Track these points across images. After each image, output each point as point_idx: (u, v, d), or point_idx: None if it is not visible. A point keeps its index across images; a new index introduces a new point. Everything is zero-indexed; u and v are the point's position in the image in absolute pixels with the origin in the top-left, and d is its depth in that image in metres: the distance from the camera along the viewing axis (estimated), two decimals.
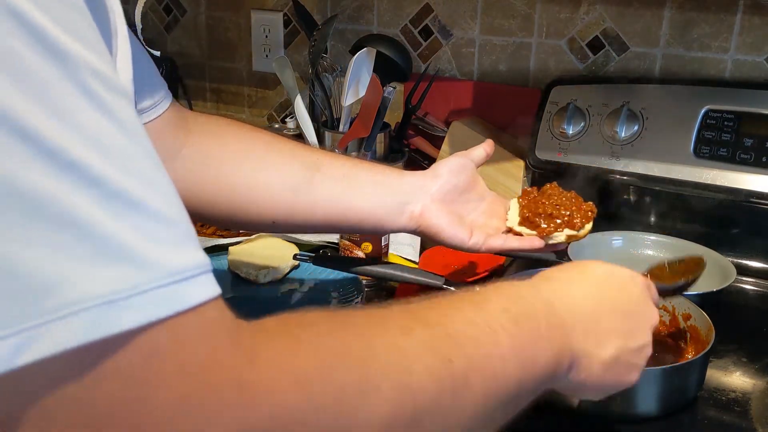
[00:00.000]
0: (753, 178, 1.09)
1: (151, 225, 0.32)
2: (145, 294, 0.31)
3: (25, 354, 0.29)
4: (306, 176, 0.79)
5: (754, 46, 1.18)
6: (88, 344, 0.30)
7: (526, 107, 1.33)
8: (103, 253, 0.31)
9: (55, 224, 0.30)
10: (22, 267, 0.29)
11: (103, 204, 0.31)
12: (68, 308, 0.30)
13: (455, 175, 0.83)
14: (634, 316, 0.61)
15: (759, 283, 1.10)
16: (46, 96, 0.30)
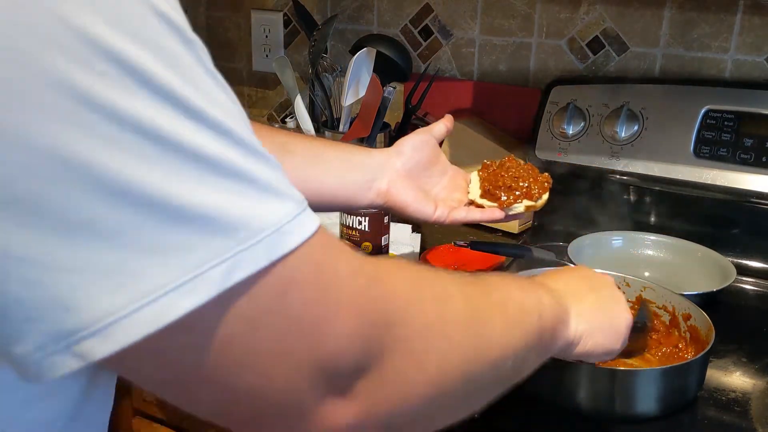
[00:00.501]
0: (753, 178, 1.09)
1: (275, 171, 0.39)
2: (297, 218, 0.39)
3: (234, 275, 0.36)
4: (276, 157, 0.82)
5: (754, 46, 1.18)
6: (269, 265, 0.37)
7: (526, 107, 1.33)
8: (262, 192, 0.38)
9: (222, 175, 0.36)
10: (217, 212, 0.35)
11: (246, 156, 0.37)
12: (255, 238, 0.36)
13: (418, 151, 0.89)
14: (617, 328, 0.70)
15: (759, 283, 1.10)
16: (186, 72, 0.35)
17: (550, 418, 0.77)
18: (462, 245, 1.03)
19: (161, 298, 0.34)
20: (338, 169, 0.84)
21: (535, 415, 0.78)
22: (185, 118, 0.35)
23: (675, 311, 0.89)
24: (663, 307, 0.91)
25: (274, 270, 0.38)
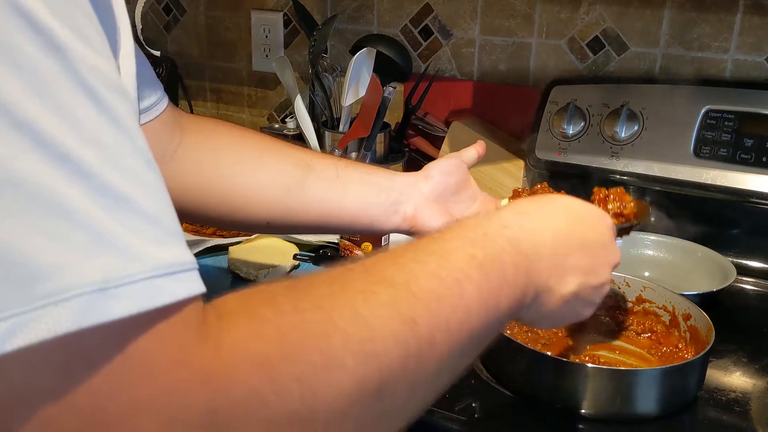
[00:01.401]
0: (753, 178, 1.09)
1: (138, 220, 0.33)
2: (135, 284, 0.32)
3: (13, 339, 0.29)
4: (299, 176, 0.80)
5: (754, 46, 1.18)
6: (73, 333, 0.30)
7: (526, 107, 1.33)
8: (94, 243, 0.31)
9: (48, 213, 0.30)
10: (13, 253, 0.30)
11: (94, 196, 0.32)
12: (61, 294, 0.30)
13: (447, 176, 0.84)
14: (600, 254, 0.62)
15: (759, 283, 1.10)
16: (44, 88, 0.31)
17: (550, 418, 0.77)
18: None
19: None
20: (359, 191, 0.81)
21: (535, 416, 0.78)
22: (15, 133, 0.30)
23: (675, 311, 0.89)
24: (663, 307, 0.91)
25: (69, 341, 0.30)
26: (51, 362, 0.31)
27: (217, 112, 1.75)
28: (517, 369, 0.80)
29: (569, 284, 0.58)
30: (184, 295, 0.34)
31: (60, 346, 0.30)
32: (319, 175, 0.80)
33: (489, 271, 0.50)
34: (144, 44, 1.65)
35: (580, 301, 0.60)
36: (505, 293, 0.51)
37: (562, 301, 0.58)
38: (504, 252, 0.52)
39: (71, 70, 0.32)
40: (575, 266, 0.59)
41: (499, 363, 0.82)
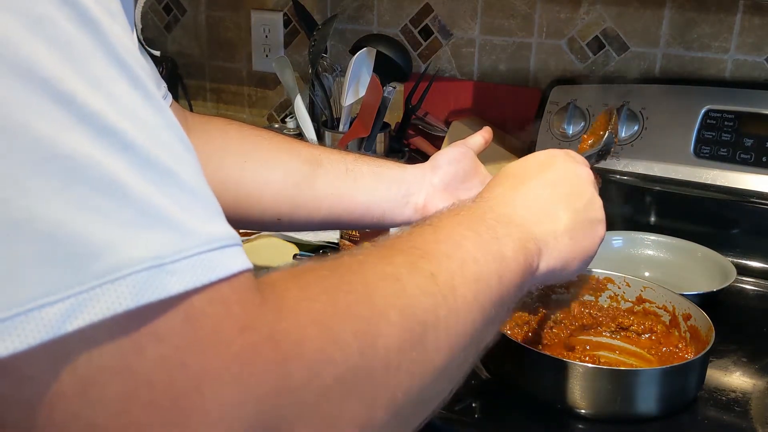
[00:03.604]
0: (753, 178, 1.09)
1: (185, 195, 0.33)
2: (189, 259, 0.31)
3: (74, 320, 0.29)
4: (308, 172, 0.80)
5: (754, 46, 1.18)
6: (135, 309, 0.30)
7: (526, 107, 1.33)
8: (145, 218, 0.31)
9: (96, 188, 0.30)
10: (66, 231, 0.29)
11: (140, 170, 0.31)
12: (117, 272, 0.30)
13: (454, 164, 0.85)
14: (566, 178, 0.64)
15: (759, 283, 1.10)
16: (81, 63, 0.30)
17: (550, 418, 0.77)
18: None
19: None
20: (370, 185, 0.82)
21: (535, 415, 0.78)
22: (58, 108, 0.29)
23: (675, 311, 0.89)
24: (663, 307, 0.91)
25: (132, 317, 0.30)
26: (118, 339, 0.30)
27: (217, 112, 1.75)
28: (517, 369, 0.80)
29: (562, 217, 0.60)
30: (238, 267, 0.34)
31: (125, 322, 0.30)
32: (329, 170, 0.81)
33: (479, 229, 0.53)
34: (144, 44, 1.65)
35: (584, 224, 0.62)
36: (504, 243, 0.53)
37: (568, 235, 0.60)
38: (485, 214, 0.56)
39: (105, 45, 0.31)
40: (554, 200, 0.61)
41: (499, 363, 0.82)
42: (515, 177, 0.63)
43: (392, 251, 0.47)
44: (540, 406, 0.78)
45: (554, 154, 0.67)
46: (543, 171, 0.64)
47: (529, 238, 0.56)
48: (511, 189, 0.61)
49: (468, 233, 0.52)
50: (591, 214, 0.63)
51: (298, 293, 0.38)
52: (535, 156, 0.66)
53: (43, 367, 0.29)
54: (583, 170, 0.66)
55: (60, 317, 0.29)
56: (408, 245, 0.48)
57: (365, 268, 0.44)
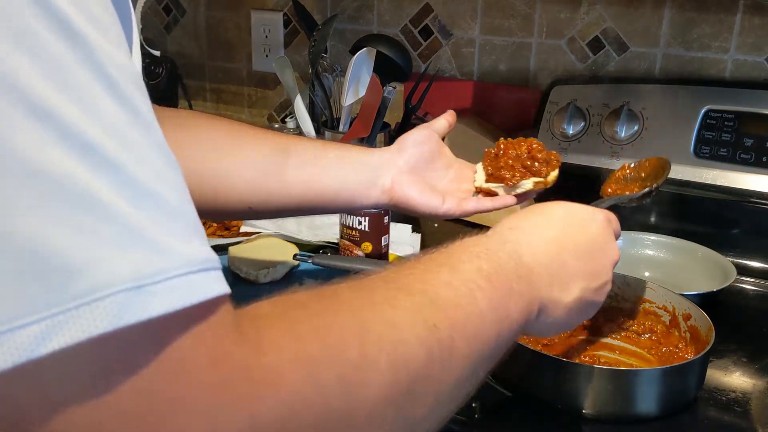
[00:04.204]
0: (753, 178, 1.09)
1: (165, 215, 0.32)
2: (169, 281, 0.31)
3: (49, 342, 0.28)
4: (277, 160, 0.81)
5: (754, 46, 1.18)
6: (110, 333, 0.29)
7: (526, 107, 1.33)
8: (125, 237, 0.30)
9: (76, 206, 0.29)
10: (45, 250, 0.28)
11: (121, 189, 0.30)
12: (96, 293, 0.29)
13: (420, 146, 0.86)
14: (596, 255, 0.63)
15: (759, 283, 1.10)
16: (64, 78, 0.30)
17: (551, 418, 0.77)
18: None
19: None
20: (338, 169, 0.83)
21: (535, 415, 0.78)
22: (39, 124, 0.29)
23: (675, 311, 0.89)
24: (663, 307, 0.91)
25: (104, 341, 0.29)
26: (88, 364, 0.29)
27: (217, 112, 1.75)
28: (518, 369, 0.80)
29: (572, 291, 0.59)
30: (218, 291, 0.33)
31: (96, 346, 0.29)
32: (298, 158, 0.82)
33: (495, 282, 0.52)
34: (144, 44, 1.65)
35: (585, 305, 0.61)
36: (514, 302, 0.53)
37: (567, 310, 0.59)
38: (507, 264, 0.54)
39: (90, 60, 0.31)
40: (575, 272, 0.60)
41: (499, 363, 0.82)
42: (554, 227, 0.62)
43: (400, 292, 0.46)
44: (540, 406, 0.78)
45: (599, 219, 0.65)
46: (579, 233, 0.63)
47: (535, 300, 0.56)
48: (542, 239, 0.59)
49: (484, 284, 0.51)
50: (597, 297, 0.62)
51: (283, 330, 0.37)
52: (580, 211, 0.65)
53: (12, 390, 0.29)
54: (614, 249, 0.65)
55: (34, 339, 0.28)
56: (419, 286, 0.47)
57: (365, 307, 0.43)
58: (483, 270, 0.52)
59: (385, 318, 0.43)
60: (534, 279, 0.56)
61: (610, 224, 0.66)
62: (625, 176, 0.77)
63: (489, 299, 0.50)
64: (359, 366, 0.39)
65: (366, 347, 0.40)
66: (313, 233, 1.21)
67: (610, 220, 0.66)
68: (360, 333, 0.40)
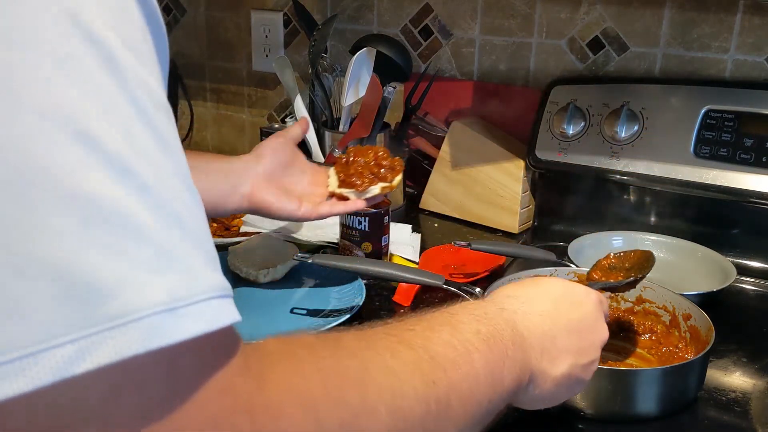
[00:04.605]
0: (753, 178, 1.09)
1: (191, 240, 0.32)
2: (199, 305, 0.31)
3: (82, 363, 0.28)
4: None
5: (754, 46, 1.18)
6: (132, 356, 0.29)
7: (526, 107, 1.33)
8: (158, 260, 0.30)
9: (113, 229, 0.29)
10: (81, 271, 0.29)
11: (154, 212, 0.31)
12: (129, 315, 0.29)
13: (277, 153, 0.94)
14: (587, 333, 0.64)
15: (759, 283, 1.10)
16: (103, 102, 0.30)
17: (551, 418, 0.77)
18: (462, 245, 1.03)
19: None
20: (203, 180, 0.87)
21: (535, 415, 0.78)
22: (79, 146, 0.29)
23: (675, 311, 0.89)
24: (663, 307, 0.91)
25: (118, 364, 0.29)
26: (99, 386, 0.30)
27: (217, 112, 1.75)
28: None
29: (561, 366, 0.60)
30: (236, 317, 0.33)
31: (109, 369, 0.29)
32: None
33: (492, 345, 0.53)
34: None
35: (572, 381, 0.62)
36: (507, 368, 0.54)
37: (555, 383, 0.60)
38: (503, 330, 0.55)
39: (125, 84, 0.31)
40: (565, 348, 0.61)
41: None
42: (549, 301, 0.62)
43: (401, 346, 0.46)
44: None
45: (592, 298, 0.66)
46: (573, 310, 0.63)
47: (527, 368, 0.57)
48: (537, 311, 0.60)
49: (481, 347, 0.52)
50: (584, 374, 0.63)
51: (288, 367, 0.37)
52: (575, 288, 0.66)
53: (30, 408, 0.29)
54: (604, 328, 0.66)
55: (69, 359, 0.28)
56: (420, 342, 0.48)
57: (367, 356, 0.43)
58: (481, 333, 0.53)
59: (387, 367, 0.43)
60: (527, 348, 0.57)
61: (601, 304, 0.67)
62: (611, 265, 0.82)
63: (485, 362, 0.51)
64: (359, 413, 0.39)
65: (366, 394, 0.40)
66: (313, 233, 1.21)
67: (601, 301, 0.68)
68: (363, 379, 0.41)
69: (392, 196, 1.30)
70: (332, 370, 0.39)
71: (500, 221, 1.28)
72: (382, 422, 0.40)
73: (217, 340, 0.33)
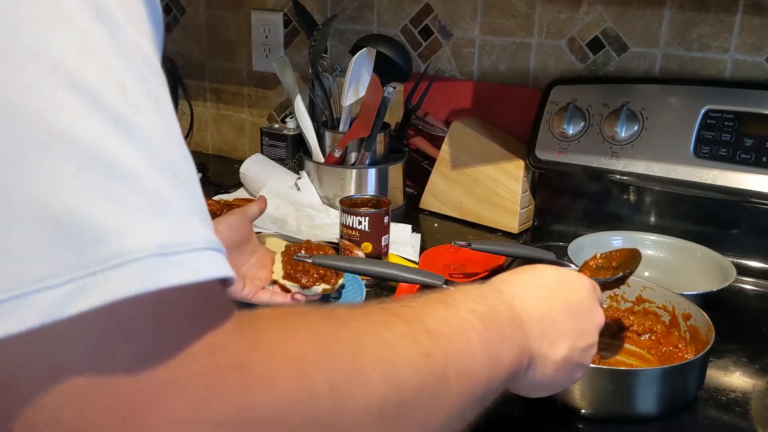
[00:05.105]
0: (753, 178, 1.09)
1: (186, 191, 0.33)
2: (192, 253, 0.31)
3: (74, 304, 0.28)
4: None
5: (754, 46, 1.18)
6: (116, 302, 0.29)
7: (526, 107, 1.33)
8: (151, 206, 0.31)
9: (106, 174, 0.30)
10: (72, 214, 0.29)
11: (148, 161, 0.31)
12: (120, 257, 0.29)
13: (234, 232, 0.93)
14: (584, 317, 0.63)
15: (759, 283, 1.10)
16: (98, 55, 0.31)
17: (550, 418, 0.77)
18: (462, 245, 1.03)
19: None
20: None
21: (534, 415, 0.78)
22: (73, 94, 0.30)
23: (675, 311, 0.89)
24: (663, 307, 0.91)
25: (106, 311, 0.29)
26: (90, 333, 0.30)
27: (217, 112, 1.75)
28: None
29: (561, 349, 0.59)
30: (231, 273, 0.33)
31: (99, 315, 0.29)
32: None
33: (489, 324, 0.52)
34: None
35: (572, 365, 0.61)
36: (506, 348, 0.53)
37: (555, 367, 0.59)
38: (501, 311, 0.55)
39: (120, 43, 0.32)
40: (563, 330, 0.60)
41: None
42: (545, 286, 0.62)
43: (396, 318, 0.46)
44: (540, 405, 0.78)
45: (587, 283, 0.66)
46: (569, 293, 0.63)
47: (526, 350, 0.56)
48: (534, 295, 0.60)
49: (477, 324, 0.51)
50: (583, 358, 0.62)
51: (280, 331, 0.38)
52: (569, 274, 0.66)
53: (21, 351, 0.29)
54: (600, 312, 0.66)
55: (61, 300, 0.28)
56: (415, 317, 0.47)
57: (362, 326, 0.43)
58: (477, 311, 0.52)
59: (380, 337, 0.43)
60: (525, 330, 0.56)
61: (595, 290, 0.67)
62: (598, 265, 0.82)
63: (482, 340, 0.50)
64: (351, 377, 0.39)
65: (359, 361, 0.40)
66: (313, 233, 1.21)
67: (595, 287, 0.68)
68: (355, 346, 0.40)
69: (392, 196, 1.30)
70: (325, 337, 0.40)
71: (500, 221, 1.28)
72: (376, 390, 0.40)
73: (209, 297, 0.33)
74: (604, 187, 1.23)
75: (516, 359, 0.54)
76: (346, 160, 1.35)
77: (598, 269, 0.82)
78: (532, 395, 0.62)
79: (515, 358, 0.54)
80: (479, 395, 0.50)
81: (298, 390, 0.36)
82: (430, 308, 0.50)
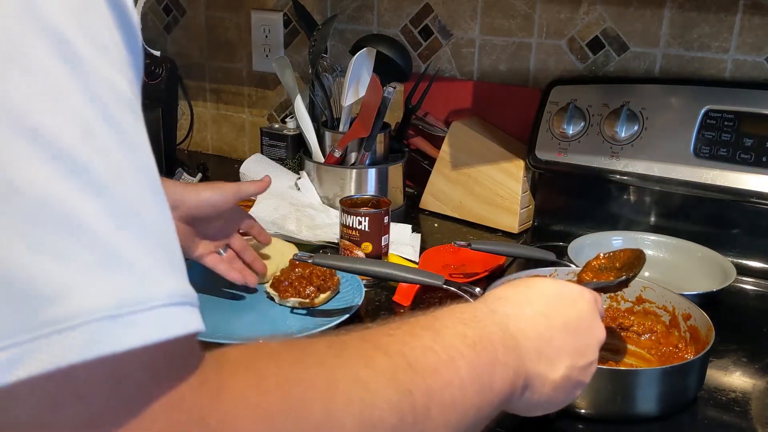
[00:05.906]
0: (753, 178, 1.09)
1: (150, 242, 0.31)
2: (149, 312, 0.29)
3: (16, 371, 0.27)
4: None
5: (754, 46, 1.18)
6: (75, 364, 0.27)
7: (526, 107, 1.33)
8: (106, 263, 0.29)
9: (58, 228, 0.28)
10: (20, 274, 0.27)
11: (106, 213, 0.29)
12: (68, 321, 0.27)
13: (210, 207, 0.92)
14: (584, 333, 0.61)
15: (759, 283, 1.10)
16: (58, 99, 0.29)
17: (550, 418, 0.77)
18: (462, 245, 1.03)
19: None
20: None
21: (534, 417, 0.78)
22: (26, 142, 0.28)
23: (675, 311, 0.89)
24: (663, 307, 0.91)
25: (57, 372, 0.27)
26: (38, 397, 0.28)
27: (217, 112, 1.75)
28: None
29: (559, 368, 0.58)
30: (194, 327, 0.32)
31: (44, 380, 0.27)
32: None
33: (480, 350, 0.50)
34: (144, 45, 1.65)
35: (571, 384, 0.59)
36: (498, 373, 0.51)
37: (553, 386, 0.57)
38: (494, 334, 0.53)
39: (84, 79, 0.30)
40: (562, 349, 0.58)
41: None
42: (543, 302, 0.60)
43: (377, 352, 0.44)
44: None
45: (587, 297, 0.64)
46: (568, 309, 0.61)
47: (521, 374, 0.54)
48: (530, 313, 0.58)
49: (467, 352, 0.49)
50: (583, 376, 0.61)
51: (246, 380, 0.36)
52: (569, 288, 0.64)
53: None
54: (600, 328, 0.63)
55: (2, 367, 0.27)
56: (398, 348, 0.45)
57: (337, 365, 0.41)
58: (468, 337, 0.50)
59: (357, 377, 0.41)
60: (521, 350, 0.54)
61: (596, 304, 0.65)
62: (601, 266, 0.80)
63: (471, 368, 0.48)
64: (322, 426, 0.37)
65: (333, 406, 0.38)
66: (313, 233, 1.21)
67: (596, 300, 0.65)
68: (328, 391, 0.39)
69: (392, 196, 1.30)
70: (295, 382, 0.37)
71: (500, 221, 1.28)
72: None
73: (170, 351, 0.31)
74: (604, 187, 1.23)
75: (510, 383, 0.52)
76: (346, 160, 1.35)
77: (601, 270, 0.81)
78: (530, 415, 0.60)
79: (509, 382, 0.52)
80: (469, 423, 0.48)
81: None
82: (416, 337, 0.48)
